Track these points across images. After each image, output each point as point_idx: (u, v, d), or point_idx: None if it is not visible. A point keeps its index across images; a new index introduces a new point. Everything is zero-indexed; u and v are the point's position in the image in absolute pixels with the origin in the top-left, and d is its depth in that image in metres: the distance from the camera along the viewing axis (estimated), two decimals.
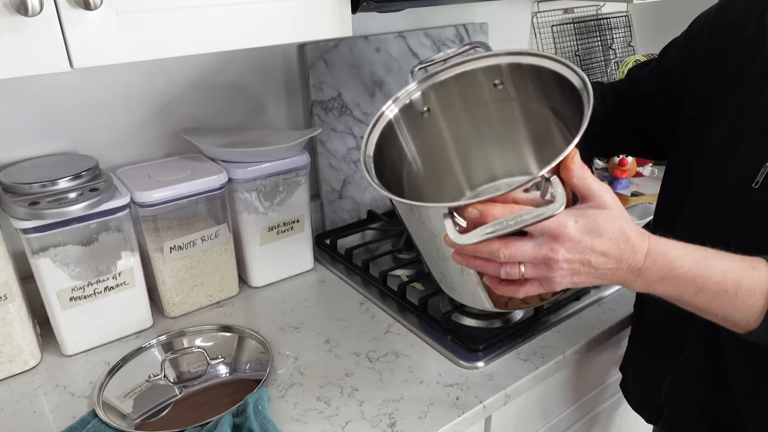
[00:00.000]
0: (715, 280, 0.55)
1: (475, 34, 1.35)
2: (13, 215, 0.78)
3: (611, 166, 1.42)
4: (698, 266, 0.56)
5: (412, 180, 0.78)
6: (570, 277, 0.55)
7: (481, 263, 0.55)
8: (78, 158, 0.90)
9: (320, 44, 1.12)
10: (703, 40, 0.74)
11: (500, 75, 0.73)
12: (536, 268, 0.54)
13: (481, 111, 0.77)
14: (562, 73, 0.66)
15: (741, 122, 0.67)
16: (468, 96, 0.76)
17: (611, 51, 1.64)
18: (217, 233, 0.97)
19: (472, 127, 0.79)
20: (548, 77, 0.68)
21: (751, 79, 0.67)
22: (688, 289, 0.56)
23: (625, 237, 0.54)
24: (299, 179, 1.03)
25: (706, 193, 0.71)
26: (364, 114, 1.22)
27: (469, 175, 0.84)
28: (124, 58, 0.65)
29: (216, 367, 0.84)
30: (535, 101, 0.73)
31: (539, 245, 0.53)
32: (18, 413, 0.78)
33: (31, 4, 0.55)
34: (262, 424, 0.71)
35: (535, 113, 0.75)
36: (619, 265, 0.55)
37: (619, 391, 1.10)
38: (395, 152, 0.75)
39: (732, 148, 0.68)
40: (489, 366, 0.84)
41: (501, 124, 0.78)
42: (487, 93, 0.76)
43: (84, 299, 0.86)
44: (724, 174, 0.68)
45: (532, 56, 0.70)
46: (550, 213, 0.50)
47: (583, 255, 0.53)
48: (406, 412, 0.76)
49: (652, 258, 0.55)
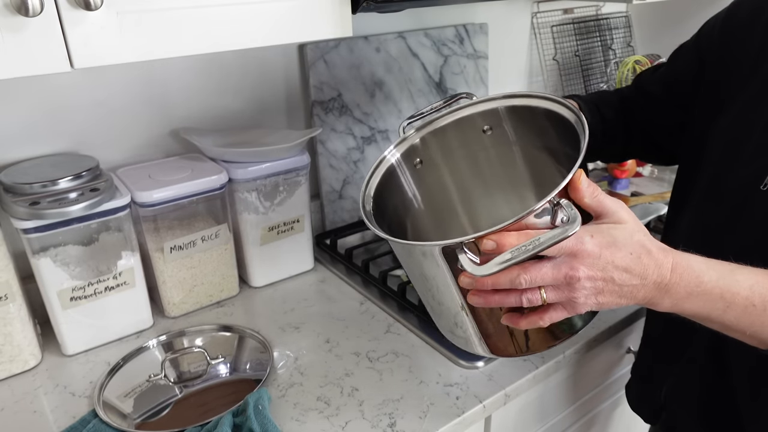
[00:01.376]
0: (743, 294, 0.54)
1: (475, 35, 1.35)
2: (13, 215, 0.78)
3: (611, 166, 1.42)
4: (725, 281, 0.54)
5: (417, 228, 0.77)
6: (594, 297, 0.52)
7: (500, 298, 0.53)
8: (78, 158, 0.90)
9: (320, 44, 1.12)
10: (713, 45, 0.74)
11: (498, 118, 0.73)
12: (558, 290, 0.52)
13: (483, 155, 0.77)
14: (555, 110, 0.66)
15: (748, 125, 0.67)
16: (468, 141, 0.76)
17: (611, 51, 1.64)
18: (217, 233, 0.97)
19: (474, 172, 0.79)
20: (542, 116, 0.68)
21: (758, 83, 0.67)
22: (716, 306, 0.54)
23: (647, 251, 0.52)
24: (299, 179, 1.03)
25: (712, 195, 0.71)
26: (364, 114, 1.22)
27: (474, 221, 0.82)
28: (124, 58, 0.65)
29: (216, 366, 0.84)
30: (533, 142, 0.73)
31: (558, 265, 0.51)
32: (18, 413, 0.78)
33: (31, 5, 0.55)
34: (263, 424, 0.71)
35: (535, 154, 0.74)
36: (644, 281, 0.52)
37: (618, 390, 1.11)
38: (398, 197, 0.75)
39: (739, 150, 0.68)
40: (489, 366, 0.84)
41: (502, 168, 0.78)
42: (486, 138, 0.76)
43: (84, 299, 0.86)
44: (731, 176, 0.68)
45: (525, 97, 0.70)
46: (568, 233, 0.49)
47: (605, 272, 0.51)
48: (406, 412, 0.76)
49: (678, 273, 0.53)
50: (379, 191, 0.71)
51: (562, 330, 0.62)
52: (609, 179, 1.43)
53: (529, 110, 0.70)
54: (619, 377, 1.08)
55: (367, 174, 0.71)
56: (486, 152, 0.77)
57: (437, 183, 0.78)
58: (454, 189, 0.80)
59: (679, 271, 0.53)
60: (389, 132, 1.27)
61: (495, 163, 0.77)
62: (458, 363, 0.84)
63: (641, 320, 1.02)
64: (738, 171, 0.67)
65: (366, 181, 0.70)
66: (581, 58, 1.59)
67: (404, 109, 1.28)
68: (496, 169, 0.78)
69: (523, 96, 0.70)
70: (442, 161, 0.78)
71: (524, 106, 0.70)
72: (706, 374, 0.73)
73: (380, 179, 0.71)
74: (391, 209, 0.73)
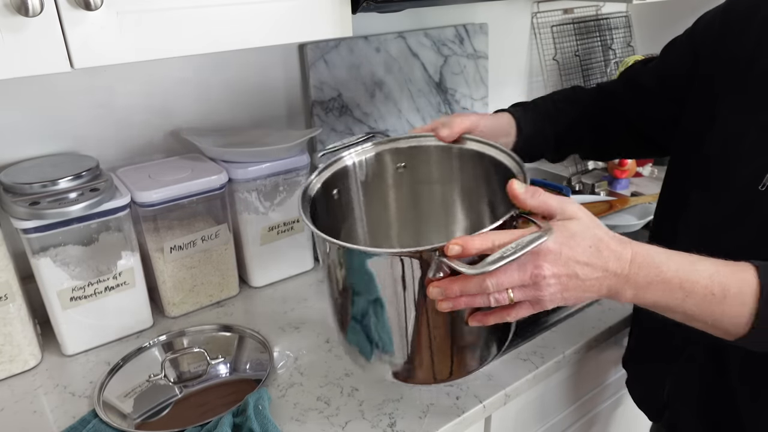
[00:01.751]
0: (702, 283, 0.54)
1: (475, 34, 1.35)
2: (13, 215, 0.78)
3: (611, 166, 1.42)
4: (684, 270, 0.55)
5: (351, 239, 0.77)
6: (560, 294, 0.54)
7: (468, 299, 0.54)
8: (78, 158, 0.90)
9: (320, 44, 1.12)
10: (708, 39, 0.74)
11: (450, 156, 0.74)
12: (525, 289, 0.53)
13: (427, 189, 0.78)
14: (499, 159, 0.68)
15: (745, 124, 0.67)
16: (419, 171, 0.77)
17: (611, 51, 1.64)
18: (217, 233, 0.97)
19: (414, 203, 0.79)
20: (488, 161, 0.70)
21: (754, 81, 0.67)
22: (676, 295, 0.55)
23: (605, 243, 0.54)
24: (299, 179, 1.03)
25: (710, 194, 0.71)
26: (364, 114, 1.22)
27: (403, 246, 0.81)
28: (124, 58, 0.65)
29: (216, 366, 0.84)
30: (476, 183, 0.74)
31: (524, 266, 0.52)
32: (18, 413, 0.78)
33: (31, 5, 0.55)
34: (263, 424, 0.71)
35: (475, 195, 0.76)
36: (605, 273, 0.54)
37: (618, 390, 1.10)
38: (345, 201, 0.75)
39: (737, 149, 0.67)
40: (489, 366, 0.84)
41: (442, 205, 0.79)
42: (435, 172, 0.76)
43: (84, 299, 0.86)
44: (729, 175, 0.68)
45: (477, 143, 0.72)
46: (546, 235, 0.50)
47: (567, 267, 0.53)
48: (406, 412, 0.76)
49: (637, 263, 0.54)
50: (324, 188, 0.71)
51: (482, 357, 0.64)
52: (609, 179, 1.43)
53: (479, 155, 0.72)
54: (619, 377, 1.08)
55: (320, 167, 0.72)
56: (431, 186, 0.78)
57: (383, 201, 0.79)
58: (394, 213, 0.80)
59: (638, 261, 0.54)
60: (389, 132, 1.27)
61: (437, 200, 0.78)
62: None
63: None
64: (736, 170, 0.67)
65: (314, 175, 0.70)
66: (581, 58, 1.59)
67: (404, 109, 1.28)
68: (436, 206, 0.79)
69: (477, 141, 0.72)
70: (391, 182, 0.78)
71: (474, 150, 0.72)
72: (705, 374, 0.73)
73: (330, 176, 0.72)
74: (330, 212, 0.73)
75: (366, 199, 0.76)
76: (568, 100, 0.89)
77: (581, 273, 0.53)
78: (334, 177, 0.73)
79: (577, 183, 1.42)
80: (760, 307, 0.53)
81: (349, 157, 0.74)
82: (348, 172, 0.74)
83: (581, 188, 1.41)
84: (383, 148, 0.75)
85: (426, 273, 0.55)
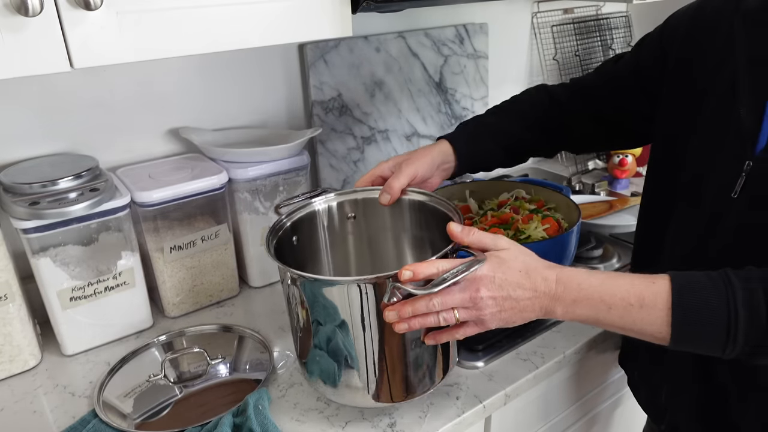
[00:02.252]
0: (620, 296, 0.59)
1: (475, 34, 1.35)
2: (13, 215, 0.78)
3: (611, 166, 1.42)
4: (604, 286, 0.60)
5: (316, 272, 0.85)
6: (499, 314, 0.61)
7: (421, 320, 0.61)
8: (78, 158, 0.90)
9: (320, 44, 1.12)
10: (677, 39, 0.74)
11: (399, 205, 0.83)
12: (468, 310, 0.61)
13: (382, 236, 0.87)
14: (436, 206, 0.79)
15: (719, 131, 0.68)
16: (374, 219, 0.86)
17: (611, 51, 1.64)
18: (217, 233, 0.97)
19: (370, 247, 0.88)
20: (427, 209, 0.81)
21: (722, 85, 0.67)
22: (600, 308, 0.60)
23: (533, 267, 0.62)
24: (299, 179, 1.03)
25: (692, 201, 0.71)
26: (364, 114, 1.22)
27: None
28: (124, 58, 0.65)
29: (216, 367, 0.84)
30: (420, 227, 0.84)
31: (464, 289, 0.60)
32: (18, 413, 0.78)
33: (31, 5, 0.55)
34: (263, 424, 0.71)
35: (420, 238, 0.85)
36: (535, 293, 0.61)
37: (618, 390, 1.10)
38: (311, 240, 0.83)
39: (712, 156, 0.68)
40: (489, 366, 0.84)
41: (394, 248, 0.88)
42: (388, 220, 0.86)
43: (84, 299, 0.86)
44: (705, 183, 0.69)
45: (416, 193, 0.82)
46: (481, 262, 0.60)
47: (502, 289, 0.60)
48: (405, 412, 0.76)
49: (563, 283, 0.61)
50: (293, 229, 0.80)
51: (424, 384, 0.72)
52: (609, 179, 1.43)
53: (421, 205, 0.81)
54: (619, 377, 1.08)
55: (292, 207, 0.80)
56: (385, 233, 0.87)
57: (345, 245, 0.87)
58: (354, 256, 0.89)
59: (563, 281, 0.61)
60: (389, 132, 1.27)
61: (389, 245, 0.88)
62: (458, 363, 0.84)
63: None
64: (711, 178, 0.68)
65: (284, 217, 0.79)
66: (581, 57, 1.59)
67: (404, 109, 1.28)
68: (389, 251, 0.88)
69: (421, 194, 0.82)
70: (351, 228, 0.87)
71: (418, 201, 0.82)
72: (697, 377, 0.73)
73: (298, 219, 0.81)
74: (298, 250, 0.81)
75: (330, 241, 0.86)
76: (513, 107, 0.92)
77: (514, 294, 0.61)
78: (301, 220, 0.81)
79: (577, 183, 1.42)
80: (673, 311, 0.57)
81: (317, 203, 0.83)
82: (315, 217, 0.83)
83: (581, 188, 1.41)
84: (343, 199, 0.84)
85: (381, 298, 0.63)
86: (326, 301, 0.66)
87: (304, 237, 0.82)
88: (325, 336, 0.69)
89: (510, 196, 1.06)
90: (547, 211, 1.01)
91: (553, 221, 0.95)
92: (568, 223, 0.96)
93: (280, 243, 0.76)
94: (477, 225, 0.97)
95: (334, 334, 0.68)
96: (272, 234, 0.75)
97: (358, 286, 0.64)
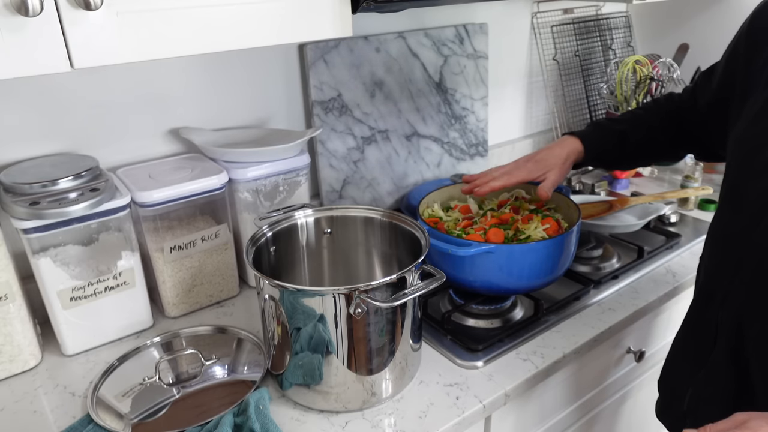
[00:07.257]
0: None
1: (475, 35, 1.35)
2: (13, 215, 0.78)
3: None
4: None
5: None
6: None
7: None
8: (78, 158, 0.90)
9: (320, 44, 1.12)
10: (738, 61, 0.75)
11: (371, 224, 0.90)
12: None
13: (353, 250, 0.93)
14: (407, 228, 0.85)
15: (763, 133, 0.68)
16: (347, 235, 0.92)
17: (611, 51, 1.64)
18: (217, 233, 0.97)
19: (344, 260, 0.93)
20: (399, 230, 0.87)
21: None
22: None
23: None
24: (299, 179, 1.03)
25: (732, 204, 0.71)
26: (364, 114, 1.22)
27: None
28: (124, 58, 0.65)
29: (213, 368, 0.84)
30: (390, 245, 0.90)
31: None
32: (18, 413, 0.78)
33: (31, 5, 0.55)
34: (263, 424, 0.71)
35: (388, 254, 0.91)
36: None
37: (618, 391, 1.10)
38: (287, 251, 0.89)
39: (755, 159, 0.68)
40: (489, 366, 0.84)
41: (366, 262, 0.94)
42: (360, 235, 0.92)
43: (84, 299, 0.86)
44: (748, 185, 0.69)
45: (390, 217, 0.88)
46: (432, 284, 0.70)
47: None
48: (406, 412, 0.76)
49: None
50: (274, 239, 0.86)
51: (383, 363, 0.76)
52: (609, 179, 1.43)
53: (393, 226, 0.88)
54: (619, 377, 1.08)
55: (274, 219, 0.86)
56: (357, 248, 0.93)
57: (321, 258, 0.93)
58: (327, 269, 0.95)
59: None
60: (389, 132, 1.27)
61: (360, 260, 0.94)
62: (458, 363, 0.84)
63: (641, 320, 1.02)
64: (754, 181, 0.68)
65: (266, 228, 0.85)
66: (581, 58, 1.59)
67: (404, 109, 1.28)
68: (361, 266, 0.94)
69: (395, 217, 0.87)
70: (327, 242, 0.92)
71: (392, 222, 0.88)
72: (728, 379, 0.72)
73: (280, 230, 0.87)
74: (275, 260, 0.87)
75: (308, 253, 0.92)
76: (644, 111, 0.98)
77: None
78: (280, 233, 0.87)
79: (577, 183, 1.42)
80: None
81: (297, 217, 0.88)
82: (294, 230, 0.89)
83: (581, 188, 1.41)
84: (320, 215, 0.90)
85: (348, 306, 0.69)
86: (305, 307, 0.71)
87: (281, 248, 0.87)
88: (307, 335, 0.73)
89: (510, 196, 1.06)
90: (547, 211, 1.01)
91: (553, 221, 0.95)
92: (568, 223, 0.96)
93: (258, 252, 0.81)
94: (477, 225, 0.97)
95: (314, 329, 0.72)
96: (252, 243, 0.80)
97: (333, 296, 0.69)
